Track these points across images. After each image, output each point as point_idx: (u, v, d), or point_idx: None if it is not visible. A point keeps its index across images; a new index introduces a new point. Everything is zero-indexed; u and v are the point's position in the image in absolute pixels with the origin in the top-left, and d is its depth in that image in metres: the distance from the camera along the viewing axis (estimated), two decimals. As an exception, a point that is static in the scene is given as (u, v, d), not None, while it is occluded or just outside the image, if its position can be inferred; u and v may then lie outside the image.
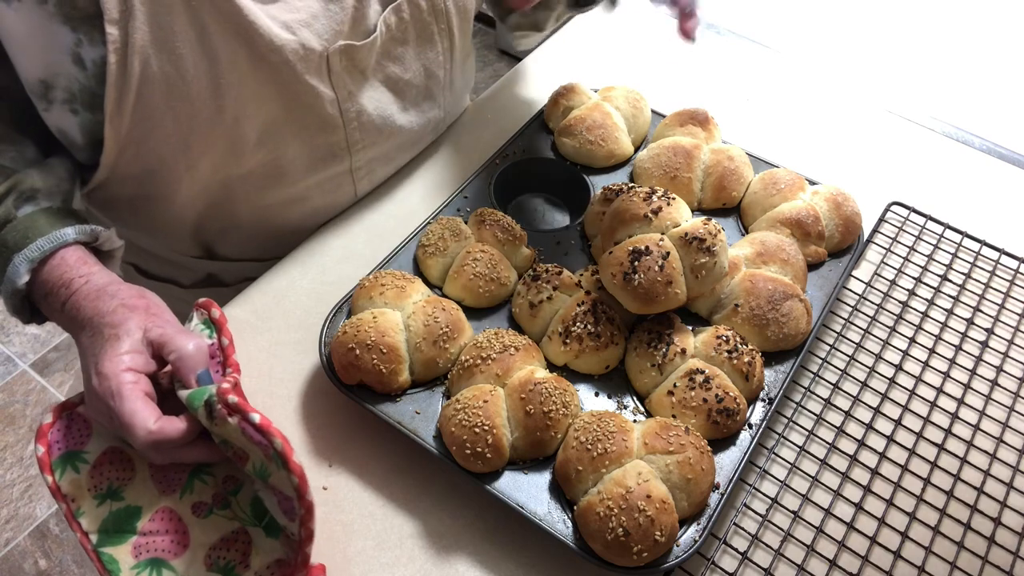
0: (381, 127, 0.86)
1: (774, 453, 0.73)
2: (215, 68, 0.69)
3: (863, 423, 0.76)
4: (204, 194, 0.80)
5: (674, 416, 0.70)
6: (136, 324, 0.63)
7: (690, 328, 0.77)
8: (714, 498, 0.66)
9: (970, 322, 0.84)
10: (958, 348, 0.82)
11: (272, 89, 0.74)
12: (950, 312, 0.85)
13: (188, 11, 0.65)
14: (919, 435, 0.75)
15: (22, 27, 0.63)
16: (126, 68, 0.65)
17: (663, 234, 0.74)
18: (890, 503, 0.71)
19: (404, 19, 0.81)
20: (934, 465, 0.73)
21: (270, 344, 0.80)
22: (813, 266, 0.84)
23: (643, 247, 0.72)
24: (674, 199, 0.76)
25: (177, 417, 0.62)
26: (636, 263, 0.71)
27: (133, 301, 0.65)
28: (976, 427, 0.76)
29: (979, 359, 0.81)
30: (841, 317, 0.84)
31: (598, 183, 0.92)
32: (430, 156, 1.00)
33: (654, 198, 0.75)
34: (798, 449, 0.74)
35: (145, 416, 0.60)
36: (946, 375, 0.80)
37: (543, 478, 0.68)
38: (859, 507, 0.70)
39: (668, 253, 0.72)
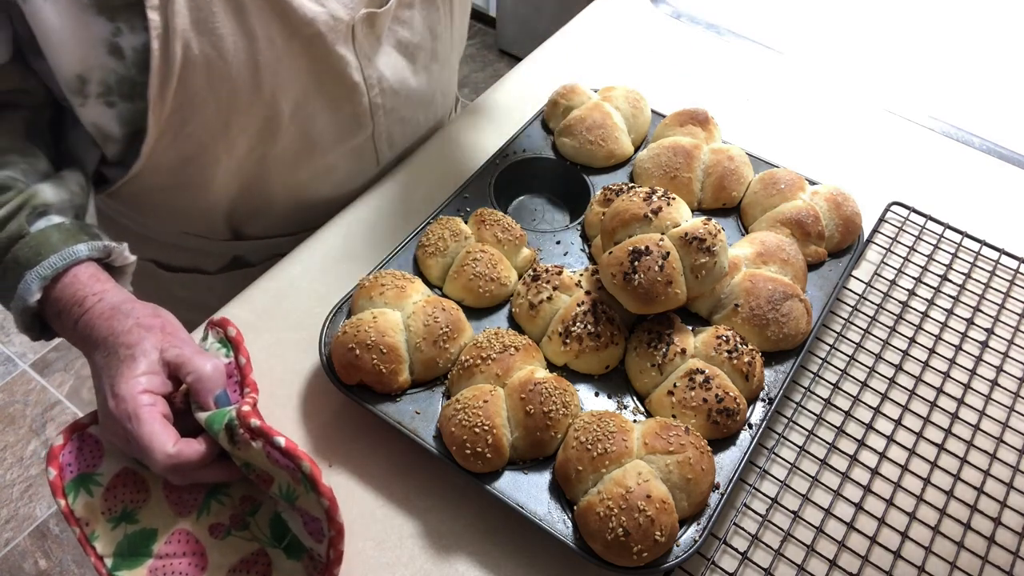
0: (399, 90, 0.88)
1: (774, 453, 0.73)
2: (253, 46, 0.70)
3: (863, 423, 0.76)
4: (239, 175, 0.81)
5: (674, 416, 0.70)
6: (152, 344, 0.62)
7: (690, 328, 0.77)
8: (714, 498, 0.66)
9: (970, 322, 0.84)
10: (958, 348, 0.82)
11: (305, 62, 0.75)
12: (950, 312, 0.85)
13: None
14: (919, 435, 0.75)
15: (58, 21, 0.62)
16: (168, 53, 0.65)
17: (663, 234, 0.74)
18: (890, 503, 0.71)
19: None
20: (934, 465, 0.73)
21: (270, 344, 0.80)
22: (813, 266, 0.84)
23: (643, 247, 0.72)
24: (674, 199, 0.76)
25: (195, 439, 0.61)
26: (636, 263, 0.71)
27: (148, 320, 0.64)
28: (976, 427, 0.76)
29: (979, 359, 0.81)
30: (841, 317, 0.84)
31: (598, 183, 0.92)
32: (431, 156, 1.00)
33: (654, 198, 0.75)
34: (798, 449, 0.74)
35: (164, 439, 0.59)
36: (946, 375, 0.80)
37: (543, 478, 0.68)
38: (859, 507, 0.70)
39: (668, 253, 0.72)
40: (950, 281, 0.88)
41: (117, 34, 0.64)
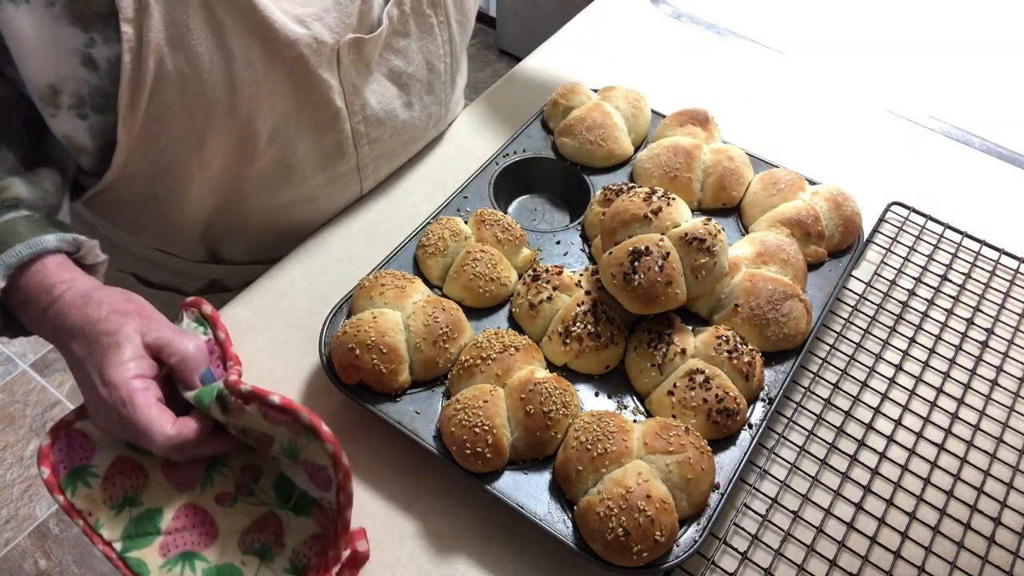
0: (384, 120, 0.87)
1: (774, 453, 0.73)
2: (230, 65, 0.69)
3: (863, 423, 0.76)
4: (214, 194, 0.80)
5: (674, 416, 0.70)
6: (133, 329, 0.62)
7: (690, 328, 0.77)
8: (714, 498, 0.66)
9: (970, 322, 0.84)
10: (958, 348, 0.82)
11: (285, 84, 0.74)
12: (950, 312, 0.85)
13: (203, 8, 0.65)
14: (919, 435, 0.75)
15: (31, 30, 0.61)
16: (140, 66, 0.64)
17: (663, 234, 0.74)
18: (890, 503, 0.71)
19: (405, 12, 0.82)
20: (934, 465, 0.73)
21: (270, 344, 0.80)
22: (813, 266, 0.84)
23: (643, 247, 0.72)
24: (674, 199, 0.76)
25: (190, 417, 0.62)
26: (636, 263, 0.71)
27: (123, 306, 0.64)
28: (976, 427, 0.76)
29: (979, 359, 0.81)
30: (841, 317, 0.84)
31: (598, 183, 0.92)
32: (431, 156, 1.00)
33: (654, 198, 0.75)
34: (798, 449, 0.74)
35: (162, 422, 0.60)
36: (946, 375, 0.80)
37: (543, 478, 0.68)
38: (859, 507, 0.70)
39: (668, 253, 0.72)
40: (950, 281, 0.88)
41: (91, 45, 0.63)
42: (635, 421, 0.70)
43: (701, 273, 0.73)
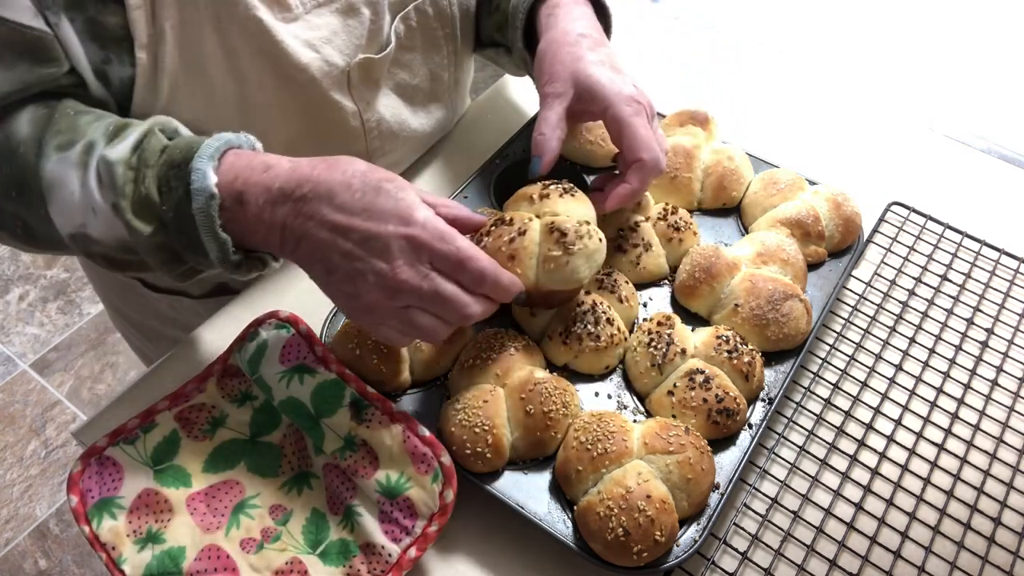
0: (398, 132, 0.87)
1: (774, 453, 0.73)
2: (243, 89, 0.69)
3: (863, 423, 0.76)
4: None
5: (674, 416, 0.70)
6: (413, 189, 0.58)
7: (690, 328, 0.77)
8: (714, 498, 0.66)
9: (970, 322, 0.84)
10: (958, 348, 0.82)
11: (297, 106, 0.74)
12: (950, 312, 0.85)
13: (217, 34, 0.65)
14: (919, 435, 0.75)
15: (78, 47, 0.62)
16: (155, 90, 0.65)
17: (537, 216, 0.71)
18: (890, 503, 0.71)
19: (412, 27, 0.82)
20: (934, 465, 0.73)
21: (270, 344, 0.80)
22: (813, 266, 0.84)
23: (508, 219, 0.70)
24: (575, 194, 0.73)
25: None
26: (493, 228, 0.69)
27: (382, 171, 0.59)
28: (976, 427, 0.76)
29: (979, 359, 0.81)
30: (841, 317, 0.84)
31: (598, 183, 0.92)
32: (431, 156, 1.00)
33: (553, 187, 0.72)
34: (798, 449, 0.74)
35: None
36: (946, 375, 0.80)
37: (543, 478, 0.68)
38: (859, 507, 0.70)
39: (526, 232, 0.69)
40: (950, 281, 0.88)
41: (106, 62, 0.63)
42: (635, 421, 0.70)
43: (549, 266, 0.68)
